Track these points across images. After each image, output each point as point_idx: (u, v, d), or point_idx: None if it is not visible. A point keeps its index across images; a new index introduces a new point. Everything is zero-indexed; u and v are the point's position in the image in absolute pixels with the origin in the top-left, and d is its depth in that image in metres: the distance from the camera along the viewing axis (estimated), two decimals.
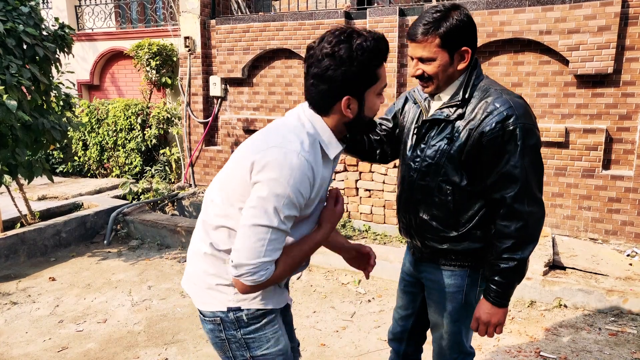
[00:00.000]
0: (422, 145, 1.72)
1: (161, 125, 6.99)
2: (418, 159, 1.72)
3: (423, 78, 1.65)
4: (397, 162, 4.86)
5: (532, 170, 1.56)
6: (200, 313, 1.45)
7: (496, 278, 1.61)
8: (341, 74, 1.26)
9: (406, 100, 1.90)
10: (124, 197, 6.09)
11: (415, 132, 1.77)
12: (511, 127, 1.53)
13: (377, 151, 1.93)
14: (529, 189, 1.56)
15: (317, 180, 1.30)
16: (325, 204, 1.46)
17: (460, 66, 1.62)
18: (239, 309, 1.38)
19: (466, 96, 1.62)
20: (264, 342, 1.42)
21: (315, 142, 1.31)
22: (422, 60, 1.62)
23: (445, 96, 1.68)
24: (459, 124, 1.62)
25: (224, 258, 1.37)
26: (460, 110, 1.63)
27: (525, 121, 1.54)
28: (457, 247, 1.70)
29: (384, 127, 1.94)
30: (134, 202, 5.80)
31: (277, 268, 1.29)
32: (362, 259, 1.76)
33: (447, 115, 1.65)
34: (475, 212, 1.66)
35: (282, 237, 1.27)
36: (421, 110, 1.77)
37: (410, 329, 2.02)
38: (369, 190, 5.17)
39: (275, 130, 1.32)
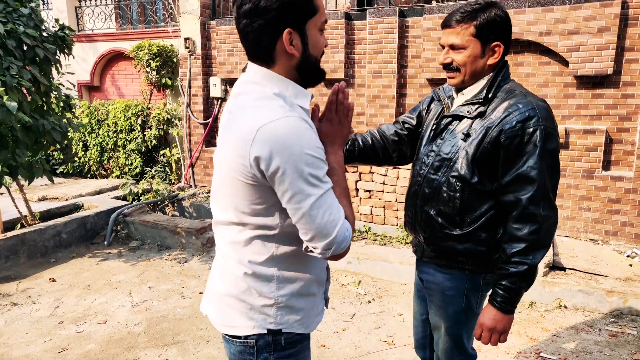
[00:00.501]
0: (439, 141, 1.70)
1: (161, 126, 7.00)
2: (432, 154, 1.70)
3: (450, 68, 1.63)
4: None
5: (549, 174, 1.53)
6: (228, 335, 1.34)
7: (504, 282, 1.56)
8: (276, 1, 1.14)
9: (432, 99, 1.87)
10: (124, 198, 6.10)
11: (433, 127, 1.75)
12: (532, 129, 1.50)
13: (395, 154, 1.91)
14: (546, 192, 1.52)
15: (314, 129, 1.22)
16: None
17: (490, 61, 1.60)
18: (279, 332, 1.30)
19: (489, 95, 1.60)
20: None
21: (286, 99, 1.21)
22: (453, 47, 1.60)
23: (469, 93, 1.67)
24: (478, 122, 1.60)
25: (266, 274, 1.27)
26: (481, 109, 1.61)
27: (547, 124, 1.52)
28: (459, 246, 1.66)
29: (407, 125, 1.91)
30: (134, 203, 5.80)
31: (349, 218, 1.24)
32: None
33: (467, 112, 1.63)
34: (482, 213, 1.62)
35: (332, 192, 1.20)
36: (443, 107, 1.75)
37: (430, 334, 1.98)
38: (369, 191, 5.18)
39: (248, 111, 1.19)
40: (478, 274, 1.71)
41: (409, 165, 5.17)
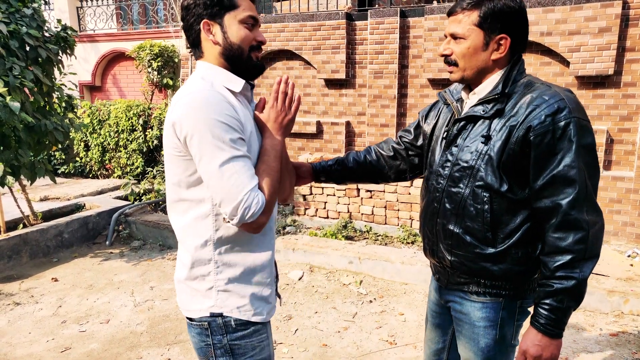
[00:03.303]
0: (454, 148, 1.50)
1: (163, 126, 7.00)
2: (448, 164, 1.50)
3: (448, 60, 1.46)
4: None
5: (589, 173, 1.33)
6: (188, 318, 1.43)
7: (548, 301, 1.33)
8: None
9: (433, 105, 1.70)
10: (125, 198, 6.11)
11: (444, 135, 1.55)
12: (563, 122, 1.30)
13: (391, 172, 1.78)
14: (588, 193, 1.31)
15: (237, 110, 1.28)
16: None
17: (495, 56, 1.41)
18: (221, 315, 1.36)
19: (506, 90, 1.41)
20: (249, 350, 1.40)
21: (213, 84, 1.32)
22: (454, 37, 1.43)
23: (481, 91, 1.47)
24: (497, 121, 1.41)
25: (205, 257, 1.34)
26: (498, 106, 1.41)
27: (580, 116, 1.32)
28: (494, 268, 1.44)
29: (404, 139, 1.77)
30: (136, 203, 5.81)
31: (265, 191, 1.28)
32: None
33: (483, 111, 1.43)
34: (516, 227, 1.41)
35: (247, 162, 1.26)
36: (453, 113, 1.56)
37: None
38: (370, 191, 5.19)
39: (178, 95, 1.32)
40: (514, 300, 1.50)
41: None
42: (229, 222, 1.26)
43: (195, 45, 1.38)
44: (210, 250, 1.33)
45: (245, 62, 1.36)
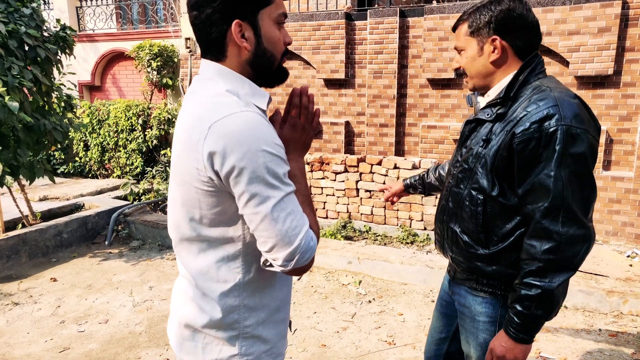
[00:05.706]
0: (463, 150, 1.54)
1: (162, 126, 7.01)
2: (457, 164, 1.54)
3: (461, 72, 1.55)
4: (397, 164, 4.83)
5: (575, 184, 1.28)
6: None
7: (517, 306, 1.35)
8: None
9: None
10: (125, 198, 6.11)
11: (460, 136, 1.63)
12: (551, 129, 1.27)
13: None
14: (566, 204, 1.28)
15: (272, 127, 1.10)
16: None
17: (492, 58, 1.42)
18: None
19: (510, 94, 1.40)
20: None
21: (240, 97, 1.10)
22: (459, 50, 1.51)
23: (492, 94, 1.49)
24: (498, 125, 1.41)
25: (231, 304, 1.15)
26: (501, 110, 1.41)
27: (572, 124, 1.27)
28: (487, 269, 1.46)
29: None
30: (135, 202, 5.81)
31: (313, 227, 1.12)
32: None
33: (487, 114, 1.46)
34: (509, 231, 1.41)
35: (295, 197, 1.08)
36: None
37: (445, 354, 1.81)
38: (370, 192, 5.18)
39: (198, 109, 1.07)
40: None
41: (409, 164, 5.14)
42: (271, 266, 1.09)
43: (214, 46, 1.10)
44: (238, 295, 1.15)
45: (275, 70, 1.16)
